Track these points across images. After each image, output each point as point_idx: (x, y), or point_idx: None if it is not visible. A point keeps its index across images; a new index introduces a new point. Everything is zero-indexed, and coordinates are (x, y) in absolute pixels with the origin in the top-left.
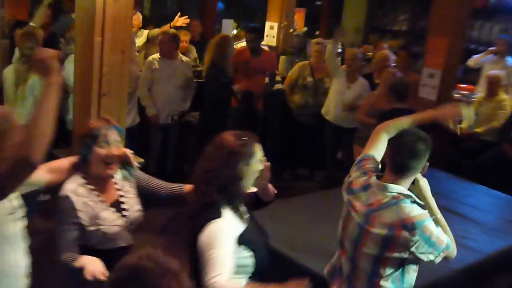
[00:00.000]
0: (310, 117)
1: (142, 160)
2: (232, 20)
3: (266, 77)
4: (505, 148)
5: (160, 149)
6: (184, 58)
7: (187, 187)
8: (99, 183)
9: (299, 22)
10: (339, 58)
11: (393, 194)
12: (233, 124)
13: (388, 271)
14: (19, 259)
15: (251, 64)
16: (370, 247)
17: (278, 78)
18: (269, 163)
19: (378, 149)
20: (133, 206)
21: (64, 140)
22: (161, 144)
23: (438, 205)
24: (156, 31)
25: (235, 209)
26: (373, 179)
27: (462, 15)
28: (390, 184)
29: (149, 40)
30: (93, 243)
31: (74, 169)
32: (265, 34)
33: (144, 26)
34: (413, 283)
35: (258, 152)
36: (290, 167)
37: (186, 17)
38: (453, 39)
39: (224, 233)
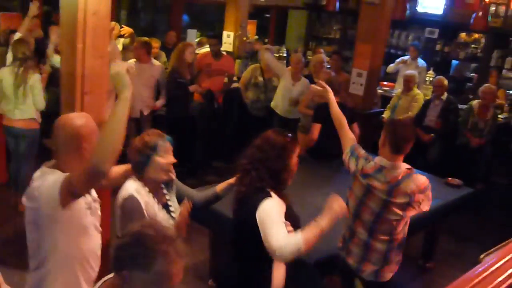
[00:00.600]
0: (262, 110)
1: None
2: (196, 30)
3: (225, 77)
4: (418, 132)
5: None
6: (156, 62)
7: (220, 186)
8: (153, 186)
9: (251, 31)
10: (284, 61)
11: (403, 170)
12: (198, 117)
13: (402, 228)
14: (95, 248)
15: (212, 66)
16: (394, 213)
17: (234, 78)
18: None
19: (351, 134)
20: (177, 209)
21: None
22: (136, 135)
23: None
24: (127, 40)
25: (282, 195)
26: (384, 160)
27: (384, 26)
28: (398, 163)
29: (124, 48)
30: None
31: (129, 175)
32: (223, 41)
33: (121, 35)
34: None
35: (297, 149)
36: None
37: (124, 27)
38: (376, 45)
39: (276, 208)
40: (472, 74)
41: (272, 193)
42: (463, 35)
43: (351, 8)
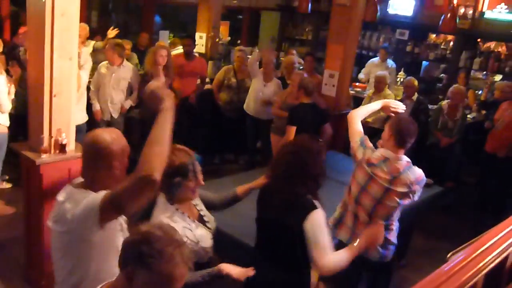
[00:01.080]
0: (235, 112)
1: None
2: (168, 31)
3: (198, 78)
4: None
5: None
6: (128, 64)
7: (241, 189)
8: (184, 205)
9: (224, 32)
10: (257, 62)
11: (404, 162)
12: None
13: (397, 214)
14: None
15: (185, 67)
16: (393, 201)
17: (207, 80)
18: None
19: (361, 128)
20: (210, 217)
21: (23, 135)
22: None
23: (337, 180)
24: (100, 43)
25: (317, 198)
26: (388, 152)
27: (355, 27)
28: (401, 155)
29: (94, 50)
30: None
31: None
32: (196, 43)
33: (91, 37)
34: None
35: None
36: (219, 153)
37: (117, 29)
38: (347, 46)
39: (323, 220)
40: (442, 74)
41: (315, 202)
42: (432, 36)
43: (323, 10)
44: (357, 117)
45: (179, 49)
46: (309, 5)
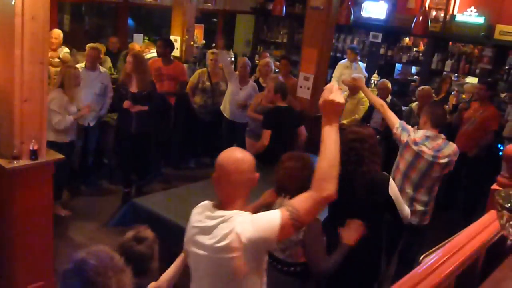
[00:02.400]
0: (209, 115)
1: None
2: (142, 35)
3: (177, 83)
4: None
5: (82, 147)
6: (102, 69)
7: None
8: None
9: (198, 36)
10: (232, 65)
11: (442, 137)
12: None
13: (437, 183)
14: None
15: (162, 71)
16: (437, 171)
17: None
18: None
19: (394, 115)
20: None
21: None
22: (83, 143)
23: None
24: (68, 56)
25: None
26: (428, 132)
27: (329, 30)
28: (438, 134)
29: (61, 59)
30: None
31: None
32: (171, 46)
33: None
34: None
35: None
36: (194, 156)
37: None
38: (322, 49)
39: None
40: (415, 77)
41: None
42: (405, 39)
43: (297, 13)
44: (385, 105)
45: (153, 53)
46: (284, 8)
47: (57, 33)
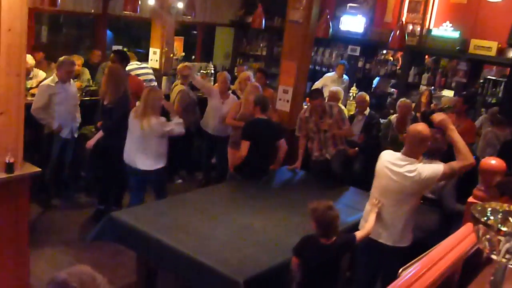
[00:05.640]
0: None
1: None
2: (121, 47)
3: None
4: (345, 148)
5: (57, 159)
6: (71, 82)
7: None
8: None
9: (178, 48)
10: (212, 78)
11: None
12: None
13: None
14: None
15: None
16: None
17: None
18: None
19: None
20: None
21: None
22: (59, 155)
23: (291, 198)
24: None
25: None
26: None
27: (308, 43)
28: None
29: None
30: None
31: None
32: (149, 58)
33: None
34: None
35: None
36: (171, 170)
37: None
38: (300, 62)
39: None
40: (392, 89)
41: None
42: (383, 52)
43: (277, 26)
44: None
45: (133, 65)
46: (263, 21)
47: (40, 55)
